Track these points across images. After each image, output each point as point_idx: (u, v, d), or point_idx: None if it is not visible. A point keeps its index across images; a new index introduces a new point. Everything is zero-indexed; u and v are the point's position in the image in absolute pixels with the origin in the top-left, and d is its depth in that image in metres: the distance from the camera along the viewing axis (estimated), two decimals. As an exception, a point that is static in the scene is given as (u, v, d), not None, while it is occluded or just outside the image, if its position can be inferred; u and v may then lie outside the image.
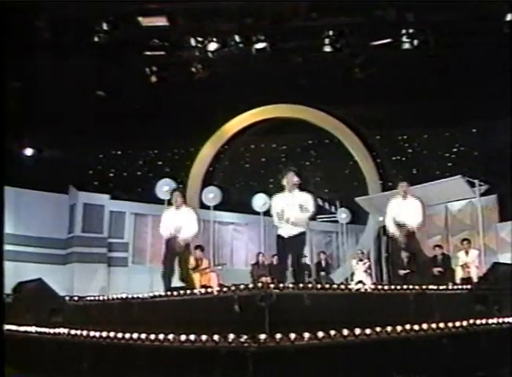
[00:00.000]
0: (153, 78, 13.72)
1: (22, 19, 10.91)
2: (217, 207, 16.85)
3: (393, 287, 7.02)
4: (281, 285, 6.08)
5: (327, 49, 12.68)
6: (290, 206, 7.90)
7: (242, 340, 4.75)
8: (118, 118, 14.84)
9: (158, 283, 9.57)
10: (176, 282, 9.37)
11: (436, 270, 12.20)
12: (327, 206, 17.81)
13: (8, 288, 7.94)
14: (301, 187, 8.13)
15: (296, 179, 8.01)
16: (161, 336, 5.21)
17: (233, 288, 6.06)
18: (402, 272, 10.77)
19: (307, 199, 8.01)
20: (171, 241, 9.30)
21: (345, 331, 5.05)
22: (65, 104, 13.79)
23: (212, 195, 16.76)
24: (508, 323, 6.30)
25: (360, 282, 11.07)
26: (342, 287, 6.76)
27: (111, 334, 5.62)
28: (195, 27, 12.76)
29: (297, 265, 8.19)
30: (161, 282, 9.18)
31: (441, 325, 5.63)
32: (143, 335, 5.36)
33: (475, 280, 11.26)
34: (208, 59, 13.21)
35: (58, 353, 6.29)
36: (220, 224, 17.25)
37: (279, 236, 8.07)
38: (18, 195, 13.36)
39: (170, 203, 14.41)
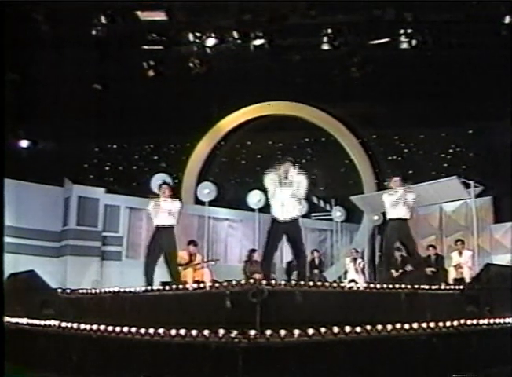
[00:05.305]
0: (150, 73, 13.71)
1: (19, 11, 10.90)
2: (212, 203, 16.81)
3: (385, 286, 7.03)
4: (273, 282, 6.09)
5: (325, 47, 12.72)
6: (285, 187, 7.85)
7: (232, 335, 4.76)
8: (115, 112, 14.81)
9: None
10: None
11: (429, 270, 12.21)
12: (322, 204, 17.81)
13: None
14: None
15: (293, 170, 7.97)
16: (151, 330, 5.22)
17: (225, 284, 6.08)
18: (395, 273, 10.81)
19: (301, 180, 7.97)
20: (158, 234, 9.28)
21: (336, 329, 5.06)
22: (61, 97, 13.76)
23: (207, 190, 16.74)
24: (499, 323, 6.33)
25: (353, 281, 11.05)
26: (334, 284, 6.78)
27: (102, 327, 5.62)
28: (193, 23, 12.78)
29: (299, 256, 8.14)
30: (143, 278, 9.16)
31: (432, 325, 5.65)
32: (133, 329, 5.36)
33: (468, 280, 11.28)
34: (206, 54, 13.20)
35: (49, 346, 6.28)
36: (214, 220, 17.19)
37: (273, 220, 7.90)
38: (12, 186, 13.29)
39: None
